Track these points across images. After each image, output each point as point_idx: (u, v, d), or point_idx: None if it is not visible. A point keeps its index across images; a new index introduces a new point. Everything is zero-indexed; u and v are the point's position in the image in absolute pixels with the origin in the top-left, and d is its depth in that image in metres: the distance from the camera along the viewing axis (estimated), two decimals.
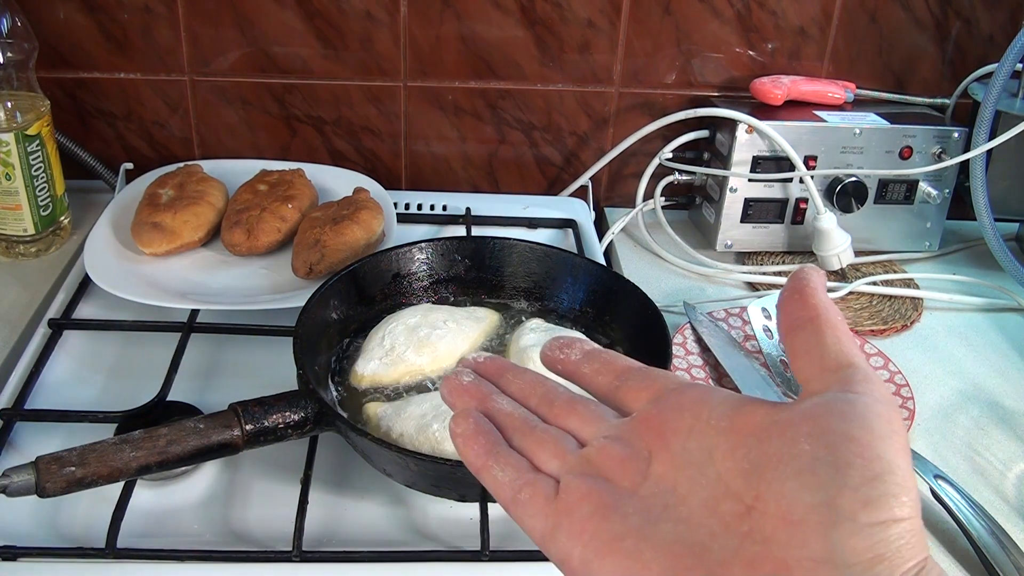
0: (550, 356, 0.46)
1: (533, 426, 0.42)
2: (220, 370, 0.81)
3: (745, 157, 1.00)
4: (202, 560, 0.62)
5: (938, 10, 1.07)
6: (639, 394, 0.42)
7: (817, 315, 0.39)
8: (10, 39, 0.87)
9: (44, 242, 0.95)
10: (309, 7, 1.02)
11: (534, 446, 0.41)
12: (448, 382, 0.45)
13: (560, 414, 0.43)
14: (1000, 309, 1.00)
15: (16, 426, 0.72)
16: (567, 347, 0.46)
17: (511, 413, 0.43)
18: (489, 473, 0.41)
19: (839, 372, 0.36)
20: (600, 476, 0.39)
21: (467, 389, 0.44)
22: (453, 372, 0.45)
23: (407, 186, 1.13)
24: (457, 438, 0.42)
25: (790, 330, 0.39)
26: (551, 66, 1.07)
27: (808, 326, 0.38)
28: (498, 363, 0.46)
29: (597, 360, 0.44)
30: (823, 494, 0.32)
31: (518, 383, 0.45)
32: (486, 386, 0.45)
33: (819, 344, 0.38)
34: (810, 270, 0.41)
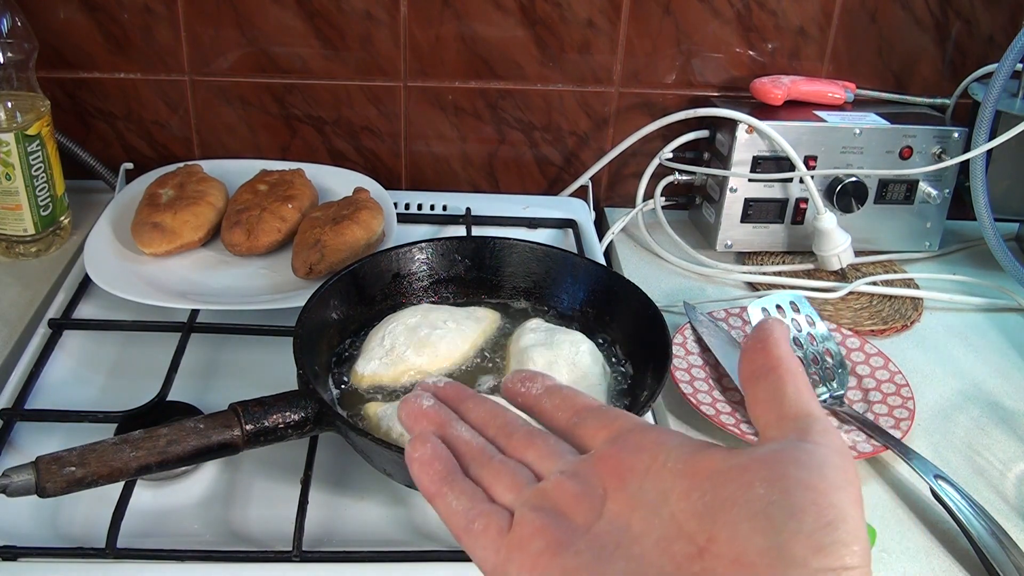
0: (511, 388, 0.46)
1: (490, 456, 0.42)
2: (220, 370, 0.81)
3: (745, 157, 1.00)
4: (202, 560, 0.62)
5: (938, 10, 1.07)
6: (597, 432, 0.42)
7: (779, 365, 0.39)
8: (10, 39, 0.87)
9: (44, 242, 0.95)
10: (309, 7, 1.02)
11: (490, 477, 0.41)
12: (407, 405, 0.45)
13: (518, 446, 0.43)
14: (1000, 309, 1.00)
15: (16, 426, 0.72)
16: (529, 380, 0.46)
17: (469, 441, 0.43)
18: (443, 500, 0.41)
19: (797, 421, 0.37)
20: (555, 511, 0.39)
21: (426, 413, 0.44)
22: (412, 395, 0.45)
23: (407, 186, 1.13)
24: (413, 462, 0.42)
25: (751, 378, 0.40)
26: (551, 66, 1.07)
27: (770, 375, 0.39)
28: (458, 389, 0.46)
29: (557, 396, 0.45)
30: (776, 538, 0.33)
31: (477, 411, 0.45)
32: (445, 412, 0.45)
33: (779, 393, 0.38)
34: (773, 322, 0.41)
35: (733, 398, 0.81)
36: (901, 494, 0.74)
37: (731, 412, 0.78)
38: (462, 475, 0.42)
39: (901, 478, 0.75)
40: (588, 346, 0.75)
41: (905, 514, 0.72)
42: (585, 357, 0.74)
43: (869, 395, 0.82)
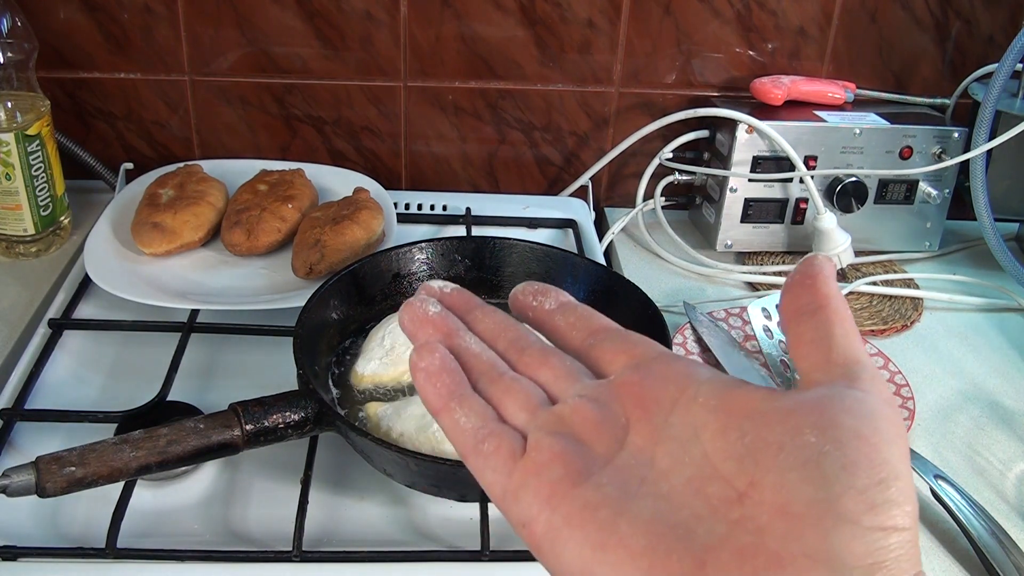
0: (521, 301, 0.43)
1: (502, 372, 0.39)
2: (220, 370, 0.81)
3: (745, 157, 1.00)
4: (202, 560, 0.62)
5: (938, 10, 1.07)
6: (616, 356, 0.39)
7: (827, 304, 0.36)
8: (10, 39, 0.87)
9: (44, 242, 0.95)
10: (309, 7, 1.02)
11: (502, 394, 0.38)
12: (410, 309, 0.41)
13: (531, 364, 0.40)
14: (1000, 309, 1.00)
15: (16, 426, 0.72)
16: (541, 294, 0.42)
17: (478, 354, 0.40)
18: (450, 416, 0.38)
19: (846, 367, 0.34)
20: (573, 437, 0.36)
21: (432, 320, 0.40)
22: (416, 299, 0.41)
23: (407, 186, 1.13)
24: (419, 372, 0.38)
25: (795, 316, 0.36)
26: (551, 66, 1.07)
27: (818, 314, 0.35)
28: (466, 297, 0.43)
29: (572, 314, 0.42)
30: (827, 491, 0.30)
31: (486, 323, 0.41)
32: (452, 320, 0.41)
33: (827, 335, 0.35)
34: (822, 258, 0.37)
35: None
36: None
37: None
38: (471, 390, 0.38)
39: None
40: None
41: None
42: None
43: None
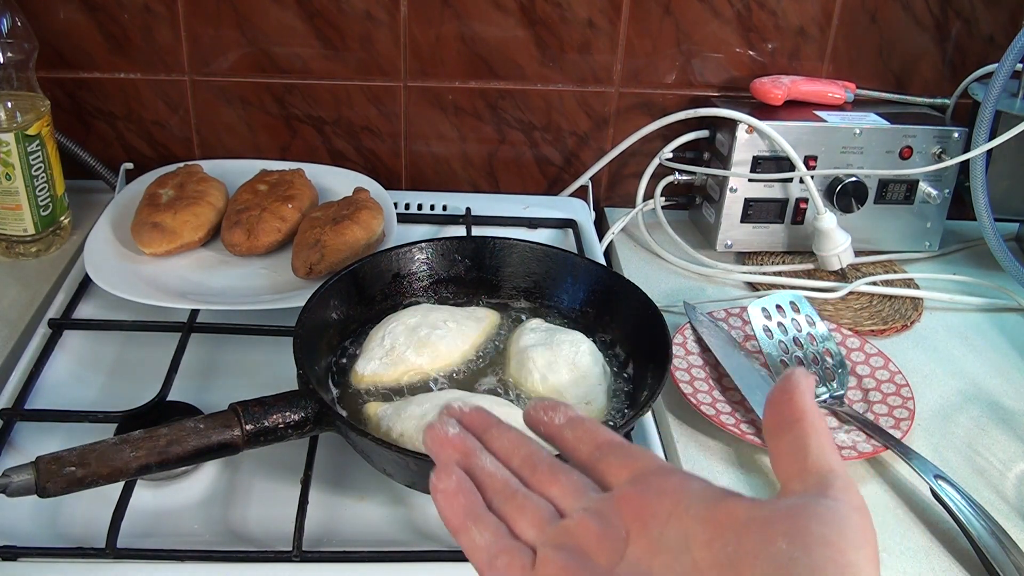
0: (533, 416, 0.47)
1: (514, 490, 0.43)
2: (220, 370, 0.81)
3: (745, 157, 1.00)
4: (202, 560, 0.62)
5: (938, 10, 1.07)
6: (619, 470, 0.42)
7: (803, 418, 0.40)
8: (10, 39, 0.87)
9: (44, 242, 0.95)
10: (309, 7, 1.02)
11: (514, 512, 0.42)
12: (432, 431, 0.45)
13: (542, 480, 0.43)
14: (1000, 309, 1.00)
15: (16, 426, 0.72)
16: (551, 410, 0.46)
17: (493, 474, 0.44)
18: (467, 535, 0.41)
19: (820, 476, 0.38)
20: (578, 551, 0.39)
21: (451, 441, 0.45)
22: (437, 421, 0.45)
23: (407, 186, 1.13)
24: (438, 494, 0.42)
25: (775, 429, 0.40)
26: (551, 66, 1.07)
27: (794, 427, 0.39)
28: (483, 416, 0.46)
29: (579, 428, 0.45)
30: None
31: (501, 441, 0.45)
32: (471, 440, 0.45)
33: (803, 447, 0.39)
34: (800, 374, 0.41)
35: (733, 398, 0.81)
36: (901, 494, 0.74)
37: (731, 412, 0.78)
38: (486, 509, 0.42)
39: (901, 478, 0.75)
40: (588, 346, 0.75)
41: (905, 514, 0.72)
42: (585, 357, 0.74)
43: (869, 395, 0.82)
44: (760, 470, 0.75)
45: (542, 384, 0.72)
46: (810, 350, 0.84)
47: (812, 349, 0.84)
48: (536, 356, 0.73)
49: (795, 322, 0.85)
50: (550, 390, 0.72)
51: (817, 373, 0.82)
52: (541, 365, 0.72)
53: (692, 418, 0.80)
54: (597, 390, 0.72)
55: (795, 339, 0.84)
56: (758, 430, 0.76)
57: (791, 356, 0.83)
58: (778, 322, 0.84)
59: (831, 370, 0.83)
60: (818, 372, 0.82)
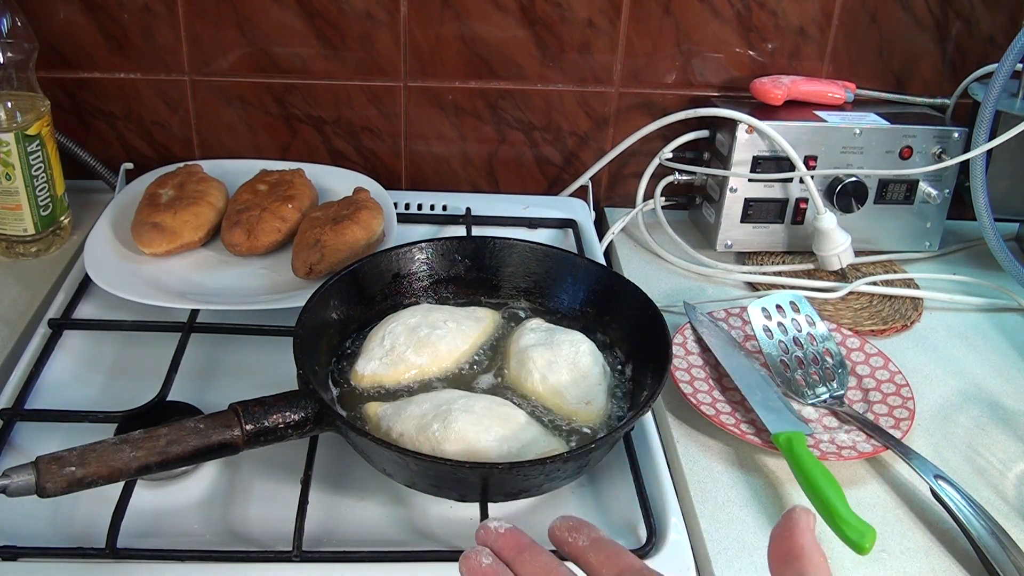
0: (559, 537, 0.49)
1: None
2: (220, 370, 0.81)
3: (745, 157, 1.00)
4: (202, 560, 0.62)
5: (938, 10, 1.07)
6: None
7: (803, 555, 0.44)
8: (10, 39, 0.87)
9: (44, 242, 0.95)
10: (309, 7, 1.02)
11: None
12: (468, 562, 0.47)
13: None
14: (1000, 309, 1.00)
15: (16, 426, 0.72)
16: (575, 531, 0.48)
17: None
18: None
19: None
20: None
21: (485, 573, 0.46)
22: (473, 551, 0.47)
23: (407, 186, 1.13)
24: None
25: (779, 562, 0.45)
26: (551, 66, 1.07)
27: (795, 562, 0.44)
28: (517, 539, 0.48)
29: (603, 551, 0.47)
30: None
31: (534, 565, 0.47)
32: (503, 571, 0.47)
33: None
34: (800, 511, 0.46)
35: (733, 398, 0.81)
36: (901, 494, 0.74)
37: (731, 412, 0.78)
38: None
39: (901, 478, 0.75)
40: (588, 346, 0.75)
41: (905, 514, 0.72)
42: (585, 357, 0.74)
43: (869, 395, 0.82)
44: (760, 470, 0.75)
45: (542, 384, 0.72)
46: (810, 350, 0.84)
47: (812, 349, 0.84)
48: (536, 356, 0.73)
49: (795, 322, 0.85)
50: (550, 390, 0.72)
51: (817, 373, 0.82)
52: (541, 365, 0.72)
53: (692, 418, 0.80)
54: (597, 390, 0.72)
55: (795, 339, 0.84)
56: (758, 430, 0.76)
57: (791, 356, 0.83)
58: (778, 322, 0.84)
59: (831, 370, 0.83)
60: (818, 372, 0.82)
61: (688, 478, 0.74)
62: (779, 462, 0.75)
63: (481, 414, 0.66)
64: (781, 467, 0.75)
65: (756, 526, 0.70)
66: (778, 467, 0.75)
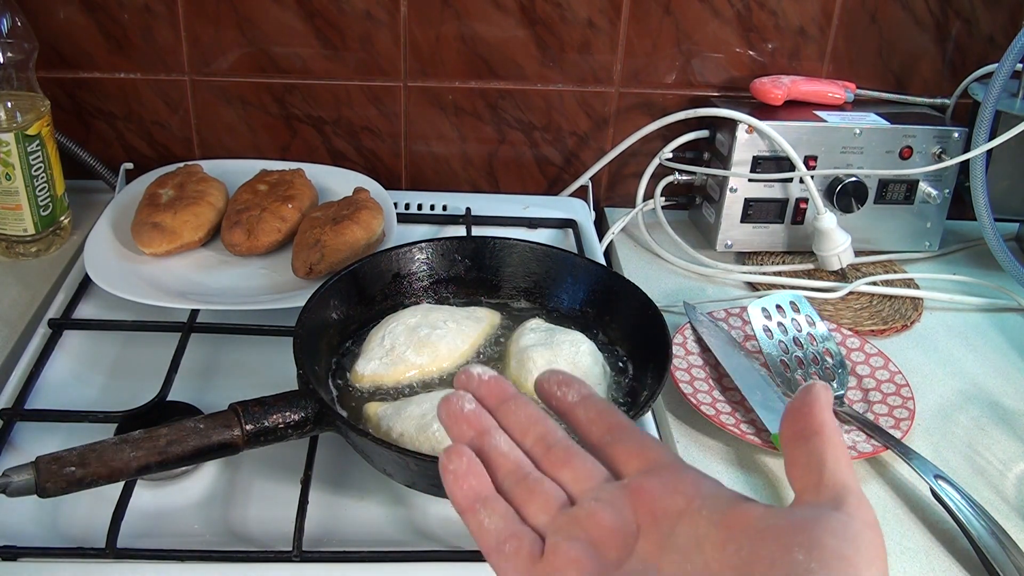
0: (546, 390, 0.46)
1: (526, 473, 0.42)
2: (220, 370, 0.81)
3: (745, 157, 1.00)
4: (202, 560, 0.62)
5: (938, 10, 1.07)
6: (631, 459, 0.42)
7: (822, 431, 0.40)
8: (10, 39, 0.87)
9: (44, 242, 0.95)
10: (309, 7, 1.02)
11: (524, 495, 0.42)
12: (448, 405, 0.45)
13: (555, 463, 0.43)
14: (1000, 309, 1.00)
15: (16, 426, 0.72)
16: (565, 385, 0.46)
17: (506, 454, 0.43)
18: (475, 516, 0.41)
19: (835, 491, 0.38)
20: (588, 542, 0.39)
21: (466, 417, 0.44)
22: (454, 395, 0.45)
23: (407, 186, 1.13)
24: (448, 474, 0.42)
25: (793, 439, 0.40)
26: (551, 66, 1.07)
27: (812, 440, 0.40)
28: (501, 387, 0.46)
29: (592, 409, 0.45)
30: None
31: (517, 416, 0.45)
32: (485, 418, 0.44)
33: (819, 459, 0.39)
34: (820, 387, 0.41)
35: (733, 398, 0.81)
36: (901, 494, 0.74)
37: (731, 412, 0.78)
38: (495, 493, 0.42)
39: (901, 478, 0.75)
40: (588, 346, 0.75)
41: (905, 514, 0.72)
42: (585, 357, 0.74)
43: (869, 395, 0.82)
44: (760, 470, 0.75)
45: None
46: (810, 350, 0.84)
47: (812, 349, 0.84)
48: (536, 356, 0.73)
49: (795, 322, 0.85)
50: None
51: (817, 373, 0.82)
52: (541, 365, 0.72)
53: (692, 418, 0.80)
54: (597, 390, 0.72)
55: (795, 339, 0.84)
56: (758, 430, 0.76)
57: (791, 356, 0.83)
58: (778, 322, 0.84)
59: (831, 370, 0.83)
60: (818, 372, 0.82)
61: None
62: (779, 462, 0.75)
63: None
64: (781, 467, 0.75)
65: None
66: (778, 467, 0.75)
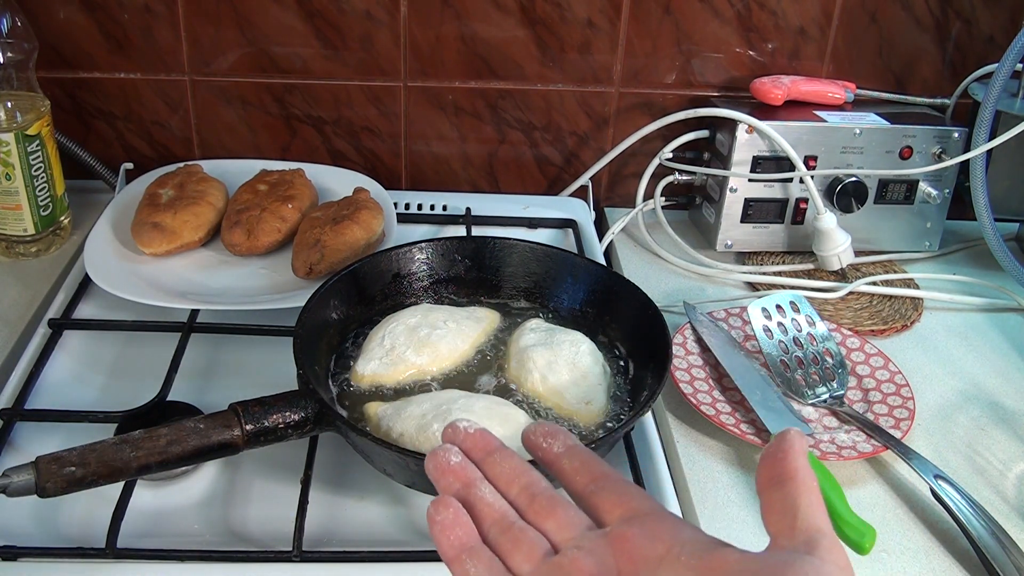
0: (533, 442, 0.48)
1: (511, 523, 0.44)
2: (220, 370, 0.81)
3: (745, 157, 1.00)
4: (202, 560, 0.62)
5: (938, 10, 1.07)
6: (614, 508, 0.44)
7: (795, 476, 0.41)
8: (10, 39, 0.87)
9: (44, 242, 0.95)
10: (309, 7, 1.02)
11: (509, 545, 0.43)
12: (435, 458, 0.46)
13: (540, 513, 0.44)
14: (1000, 309, 1.00)
15: (16, 426, 0.72)
16: (551, 436, 0.47)
17: (491, 504, 0.45)
18: (461, 566, 0.43)
19: (808, 535, 0.39)
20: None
21: (452, 470, 0.46)
22: (441, 448, 0.46)
23: (407, 186, 1.13)
24: (435, 525, 0.43)
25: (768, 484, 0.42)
26: (551, 66, 1.07)
27: (786, 485, 0.41)
28: (486, 439, 0.47)
29: (576, 458, 0.46)
30: None
31: (502, 467, 0.46)
32: (471, 470, 0.46)
33: (793, 504, 0.41)
34: (794, 434, 0.43)
35: (733, 398, 0.81)
36: (901, 494, 0.74)
37: (731, 412, 0.78)
38: (481, 543, 0.43)
39: (901, 478, 0.75)
40: (588, 346, 0.75)
41: (905, 514, 0.72)
42: (585, 357, 0.74)
43: (869, 395, 0.82)
44: None
45: (542, 384, 0.72)
46: (810, 350, 0.84)
47: (812, 349, 0.84)
48: (536, 356, 0.73)
49: (795, 322, 0.85)
50: (550, 390, 0.72)
51: (817, 373, 0.82)
52: (541, 365, 0.72)
53: (692, 418, 0.80)
54: (597, 390, 0.72)
55: (795, 339, 0.84)
56: (758, 430, 0.76)
57: (791, 356, 0.83)
58: (778, 322, 0.84)
59: (831, 370, 0.83)
60: (818, 372, 0.82)
61: (688, 478, 0.74)
62: None
63: (481, 414, 0.66)
64: None
65: (756, 526, 0.70)
66: None
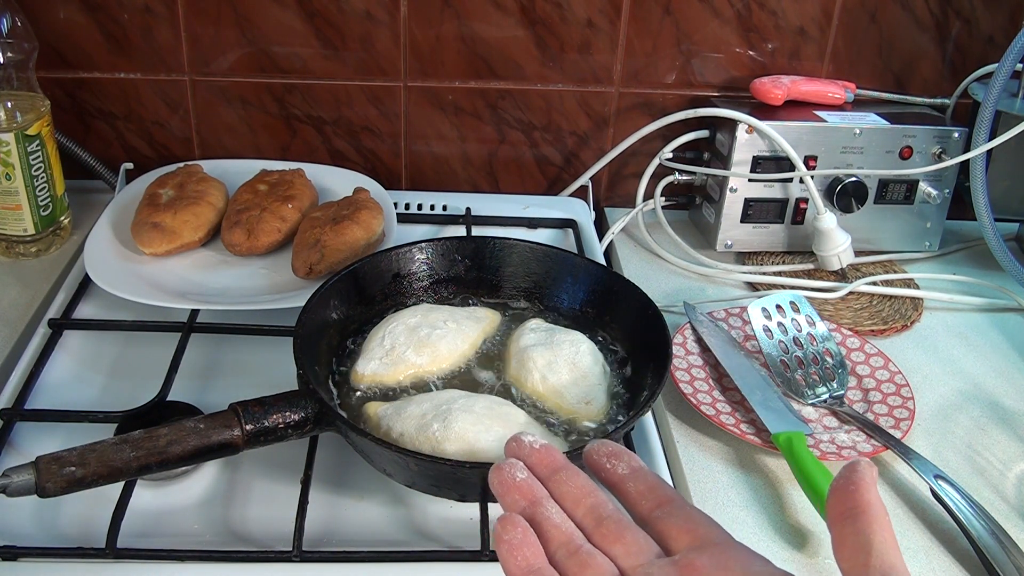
0: (595, 461, 0.46)
1: (578, 546, 0.43)
2: (220, 370, 0.81)
3: (745, 157, 1.00)
4: (202, 560, 0.62)
5: (938, 10, 1.07)
6: (681, 534, 0.43)
7: (867, 510, 0.40)
8: (10, 39, 0.87)
9: (44, 242, 0.95)
10: (309, 7, 1.02)
11: (576, 568, 0.42)
12: (500, 473, 0.45)
13: (607, 537, 0.43)
14: (1000, 309, 1.00)
15: (16, 426, 0.72)
16: (615, 457, 0.46)
17: (558, 525, 0.43)
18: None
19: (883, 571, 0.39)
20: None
21: (518, 487, 0.44)
22: (506, 464, 0.45)
23: (407, 186, 1.13)
24: (502, 544, 0.42)
25: (839, 519, 0.41)
26: (551, 66, 1.07)
27: (860, 518, 0.40)
28: (552, 456, 0.46)
29: (643, 482, 0.45)
30: None
31: (569, 486, 0.45)
32: (537, 488, 0.45)
33: (867, 540, 0.40)
34: (864, 464, 0.42)
35: (733, 398, 0.81)
36: (901, 494, 0.74)
37: (731, 412, 0.78)
38: (548, 565, 0.42)
39: (901, 478, 0.75)
40: (588, 346, 0.75)
41: (905, 514, 0.72)
42: (585, 357, 0.74)
43: (869, 395, 0.82)
44: (760, 470, 0.75)
45: (542, 384, 0.72)
46: (810, 350, 0.84)
47: (812, 349, 0.84)
48: (536, 356, 0.73)
49: (795, 322, 0.85)
50: (550, 390, 0.72)
51: (817, 373, 0.82)
52: (541, 365, 0.72)
53: (692, 418, 0.80)
54: (597, 390, 0.72)
55: (795, 339, 0.84)
56: (758, 430, 0.76)
57: (791, 356, 0.83)
58: (778, 322, 0.84)
59: (831, 370, 0.83)
60: (818, 372, 0.82)
61: (688, 478, 0.74)
62: (779, 462, 0.75)
63: (481, 414, 0.66)
64: (781, 467, 0.75)
65: (756, 526, 0.70)
66: (778, 467, 0.75)
